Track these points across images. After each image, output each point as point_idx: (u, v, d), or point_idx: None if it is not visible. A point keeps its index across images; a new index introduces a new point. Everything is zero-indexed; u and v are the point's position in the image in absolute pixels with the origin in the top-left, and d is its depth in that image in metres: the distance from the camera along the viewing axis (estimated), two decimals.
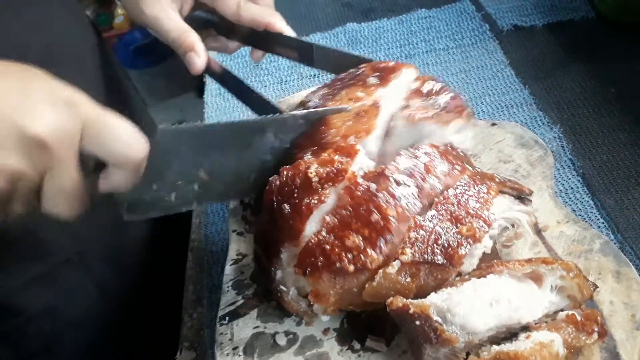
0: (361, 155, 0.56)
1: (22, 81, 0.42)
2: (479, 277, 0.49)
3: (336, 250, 0.50)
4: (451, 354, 0.47)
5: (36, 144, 0.40)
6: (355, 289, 0.51)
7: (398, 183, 0.53)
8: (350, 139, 0.58)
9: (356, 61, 0.69)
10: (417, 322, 0.46)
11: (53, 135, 0.41)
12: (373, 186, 0.52)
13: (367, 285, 0.50)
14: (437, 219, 0.52)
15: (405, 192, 0.53)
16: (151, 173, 0.49)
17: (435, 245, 0.50)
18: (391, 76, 0.63)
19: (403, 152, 0.56)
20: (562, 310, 0.50)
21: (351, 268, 0.50)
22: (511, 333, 0.49)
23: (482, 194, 0.54)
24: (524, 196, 0.58)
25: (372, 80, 0.63)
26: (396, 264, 0.49)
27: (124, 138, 0.44)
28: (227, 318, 0.59)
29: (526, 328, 0.48)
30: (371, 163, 0.57)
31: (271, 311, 0.59)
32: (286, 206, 0.54)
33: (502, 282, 0.49)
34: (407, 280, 0.50)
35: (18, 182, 0.41)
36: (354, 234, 0.51)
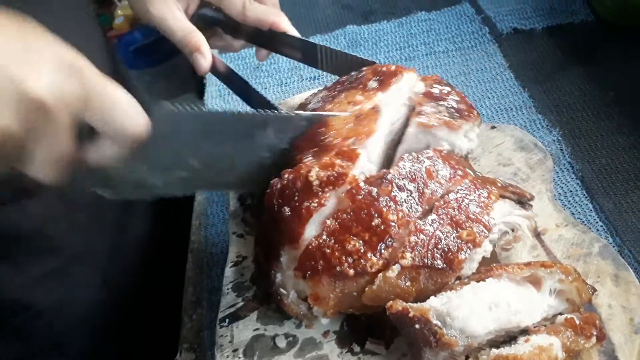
0: (362, 159, 0.56)
1: (26, 37, 0.39)
2: (479, 281, 0.50)
3: (336, 253, 0.51)
4: (450, 358, 0.47)
5: (34, 105, 0.37)
6: (355, 293, 0.51)
7: (400, 187, 0.53)
8: (350, 141, 0.57)
9: (359, 63, 0.69)
10: (417, 326, 0.47)
11: (54, 98, 0.38)
12: (374, 190, 0.53)
13: (367, 288, 0.50)
14: (438, 223, 0.52)
15: (406, 197, 0.53)
16: (142, 152, 0.46)
17: (435, 249, 0.50)
18: (392, 80, 0.63)
19: (406, 157, 0.56)
20: (561, 313, 0.50)
21: (351, 272, 0.50)
22: (510, 337, 0.49)
23: (483, 199, 0.54)
24: (525, 201, 0.59)
25: (373, 84, 0.63)
26: (396, 268, 0.50)
27: (127, 111, 0.42)
28: (227, 320, 0.59)
29: (525, 332, 0.49)
30: (373, 167, 0.57)
31: (271, 313, 0.59)
32: (286, 209, 0.54)
33: (501, 286, 0.49)
34: (407, 284, 0.50)
35: (6, 141, 0.38)
36: (355, 238, 0.51)
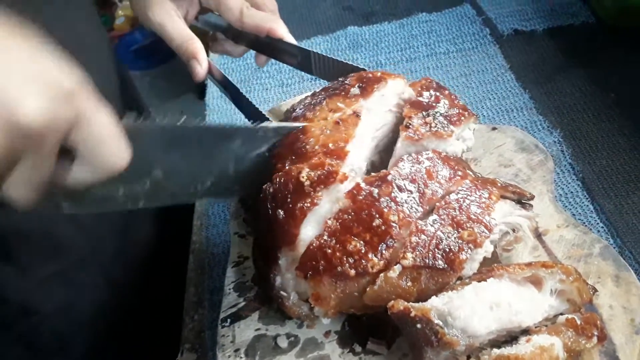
0: (351, 156, 0.56)
1: (25, 60, 0.38)
2: (480, 281, 0.50)
3: (337, 254, 0.51)
4: (452, 357, 0.47)
5: (21, 130, 0.36)
6: (356, 293, 0.51)
7: (400, 188, 0.53)
8: (329, 147, 0.56)
9: (350, 70, 0.69)
10: (419, 326, 0.47)
11: (42, 124, 0.37)
12: (375, 191, 0.53)
13: (369, 289, 0.50)
14: (439, 224, 0.52)
15: (407, 197, 0.53)
16: None
17: (436, 249, 0.51)
18: (374, 87, 0.62)
19: (405, 158, 0.56)
20: (562, 314, 0.50)
21: (352, 272, 0.50)
22: (511, 336, 0.49)
23: (484, 199, 0.55)
24: (525, 201, 0.59)
25: (355, 90, 0.62)
26: (397, 268, 0.50)
27: (111, 145, 0.42)
28: (229, 320, 0.60)
29: (526, 331, 0.49)
30: (362, 163, 0.57)
31: (272, 314, 0.59)
32: (280, 212, 0.54)
33: (503, 286, 0.49)
34: (409, 284, 0.50)
35: None
36: (356, 239, 0.51)
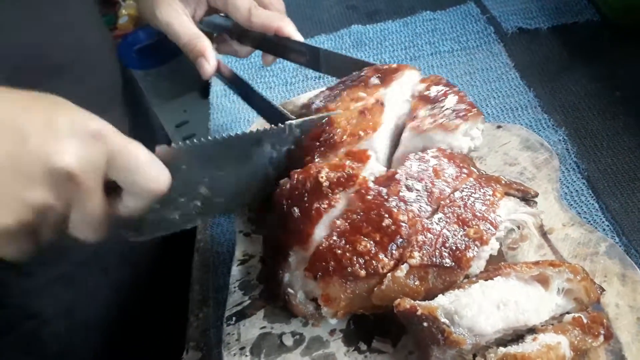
0: (372, 160, 0.56)
1: (48, 113, 0.41)
2: (487, 280, 0.50)
3: (347, 254, 0.51)
4: (458, 356, 0.47)
5: (63, 177, 0.41)
6: (365, 293, 0.51)
7: (409, 188, 0.53)
8: (357, 136, 0.57)
9: (361, 65, 0.69)
10: (425, 324, 0.47)
11: (80, 168, 0.41)
12: (384, 191, 0.53)
13: (376, 289, 0.50)
14: (444, 222, 0.52)
15: (415, 197, 0.53)
16: None
17: (443, 248, 0.50)
18: (393, 76, 0.63)
19: (412, 157, 0.56)
20: (569, 312, 0.50)
21: (362, 273, 0.50)
22: (518, 335, 0.49)
23: (488, 197, 0.54)
24: (529, 198, 0.59)
25: (374, 80, 0.63)
26: (405, 268, 0.50)
27: (149, 171, 0.45)
28: (234, 318, 0.60)
29: (533, 330, 0.49)
30: (382, 168, 0.57)
31: (278, 312, 0.59)
32: (296, 210, 0.54)
33: (510, 285, 0.49)
34: (416, 283, 0.50)
35: (46, 214, 0.42)
36: (365, 239, 0.51)
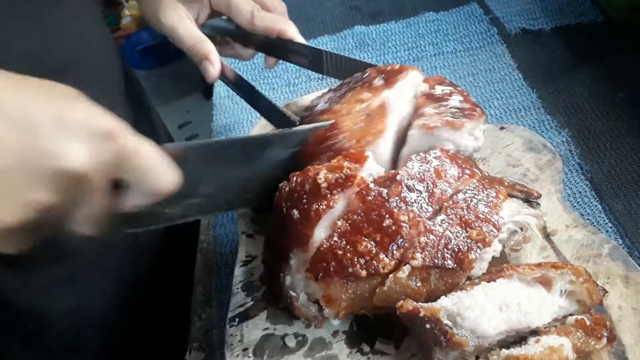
0: (370, 161, 0.56)
1: (59, 107, 0.40)
2: (489, 281, 0.49)
3: (348, 255, 0.51)
4: (461, 358, 0.47)
5: (72, 179, 0.40)
6: (366, 294, 0.51)
7: (410, 188, 0.53)
8: (363, 141, 0.58)
9: (364, 66, 0.69)
10: (427, 326, 0.47)
11: (89, 167, 0.40)
12: (385, 191, 0.53)
13: (378, 290, 0.50)
14: (447, 224, 0.52)
15: (416, 197, 0.53)
16: None
17: (445, 249, 0.50)
18: (397, 77, 0.63)
19: (414, 157, 0.56)
20: (572, 314, 0.50)
21: (363, 273, 0.50)
22: (520, 337, 0.49)
23: (491, 198, 0.54)
24: (532, 199, 0.58)
25: (378, 81, 0.63)
26: (407, 269, 0.50)
27: (160, 171, 0.44)
28: (237, 319, 0.60)
29: (535, 332, 0.49)
30: (380, 169, 0.57)
31: (280, 313, 0.59)
32: (295, 212, 0.54)
33: (512, 287, 0.49)
34: (418, 284, 0.50)
35: (48, 213, 0.41)
36: (366, 239, 0.51)
